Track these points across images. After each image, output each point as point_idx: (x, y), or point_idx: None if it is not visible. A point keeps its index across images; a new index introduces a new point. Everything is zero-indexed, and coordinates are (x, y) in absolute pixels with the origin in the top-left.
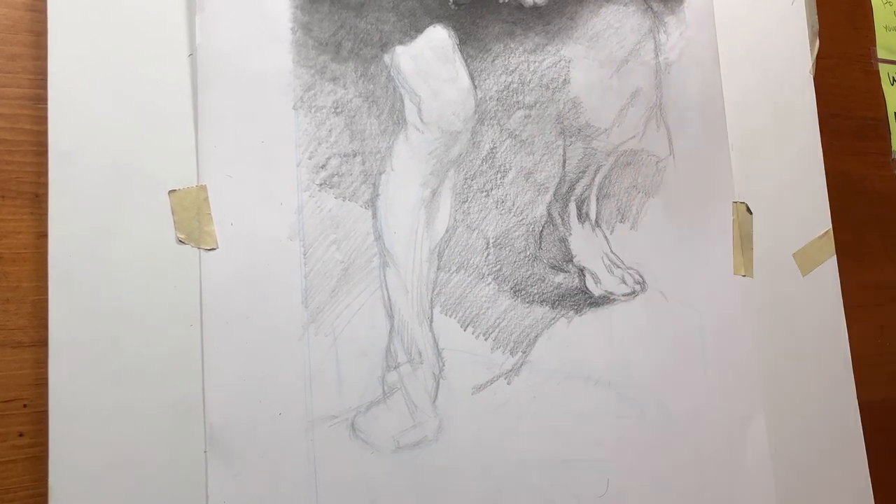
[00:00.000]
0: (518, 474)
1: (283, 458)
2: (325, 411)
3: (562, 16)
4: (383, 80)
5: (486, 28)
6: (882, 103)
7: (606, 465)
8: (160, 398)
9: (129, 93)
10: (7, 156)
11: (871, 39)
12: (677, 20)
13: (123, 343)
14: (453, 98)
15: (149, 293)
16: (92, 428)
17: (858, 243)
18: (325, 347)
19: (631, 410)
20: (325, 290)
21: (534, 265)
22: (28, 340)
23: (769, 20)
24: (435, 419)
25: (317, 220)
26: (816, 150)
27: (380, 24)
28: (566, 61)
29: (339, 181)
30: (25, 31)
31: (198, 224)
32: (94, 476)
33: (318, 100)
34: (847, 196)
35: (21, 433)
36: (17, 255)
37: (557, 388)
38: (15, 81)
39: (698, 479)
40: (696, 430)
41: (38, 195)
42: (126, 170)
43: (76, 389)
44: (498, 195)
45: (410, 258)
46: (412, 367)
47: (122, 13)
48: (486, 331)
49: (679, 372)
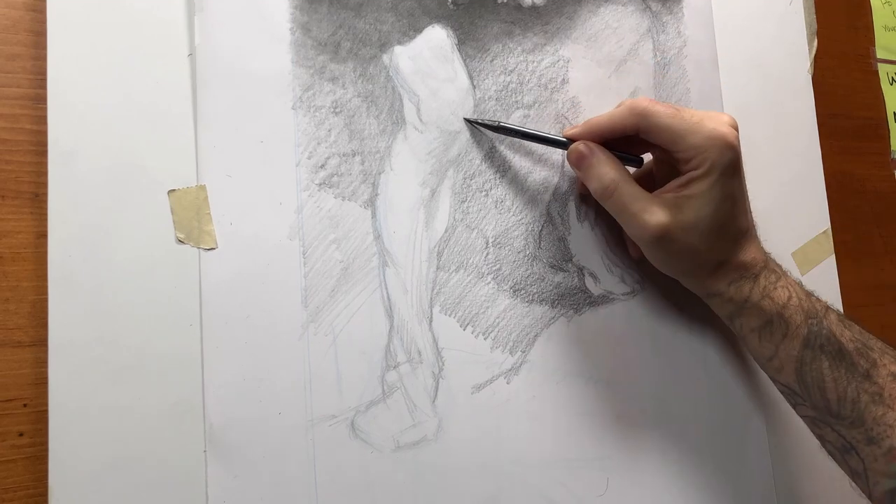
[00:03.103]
0: (518, 474)
1: (282, 457)
2: (325, 411)
3: (560, 16)
4: (382, 79)
5: (485, 28)
6: (881, 103)
7: (606, 464)
8: (160, 398)
9: (128, 93)
10: (7, 156)
11: (870, 39)
12: (675, 20)
13: (123, 343)
14: (452, 98)
15: (148, 293)
16: (92, 427)
17: (858, 243)
18: (325, 347)
19: (631, 410)
20: (324, 290)
21: (533, 264)
22: (28, 340)
23: (768, 20)
24: (434, 418)
25: (316, 220)
26: (815, 149)
27: (378, 24)
28: (565, 61)
29: (339, 181)
30: (25, 31)
31: (197, 224)
32: (94, 476)
33: (317, 100)
34: (846, 196)
35: (21, 433)
36: (17, 254)
37: (557, 388)
38: (15, 81)
39: (698, 479)
40: (696, 430)
41: (38, 195)
42: (126, 169)
43: (76, 389)
44: (497, 195)
45: (410, 258)
46: (412, 366)
47: (121, 13)
48: (486, 330)
49: (679, 371)
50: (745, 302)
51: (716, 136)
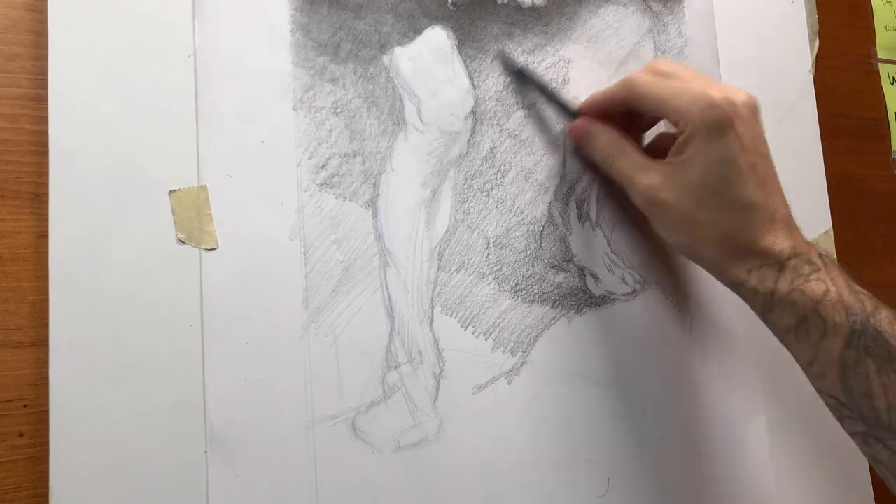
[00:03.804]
0: (518, 474)
1: (283, 458)
2: (326, 411)
3: (561, 16)
4: (382, 80)
5: (485, 29)
6: (882, 103)
7: (606, 465)
8: (160, 398)
9: (129, 93)
10: (7, 156)
11: (871, 40)
12: (676, 20)
13: (124, 343)
14: (452, 98)
15: (149, 293)
16: (92, 428)
17: (858, 243)
18: (326, 347)
19: (631, 410)
20: (325, 290)
21: (534, 265)
22: (28, 340)
23: (769, 20)
24: (435, 419)
25: (317, 220)
26: (816, 149)
27: (378, 25)
28: (565, 62)
29: (340, 181)
30: (25, 31)
31: (198, 224)
32: (95, 476)
33: (318, 100)
34: (847, 196)
35: (21, 433)
36: (17, 255)
37: (558, 388)
38: (15, 81)
39: (699, 479)
40: (697, 430)
41: (38, 195)
42: (126, 170)
43: (76, 389)
44: (498, 195)
45: (411, 258)
46: (412, 366)
47: (122, 13)
48: (487, 330)
49: (680, 372)
50: (771, 295)
51: (699, 96)
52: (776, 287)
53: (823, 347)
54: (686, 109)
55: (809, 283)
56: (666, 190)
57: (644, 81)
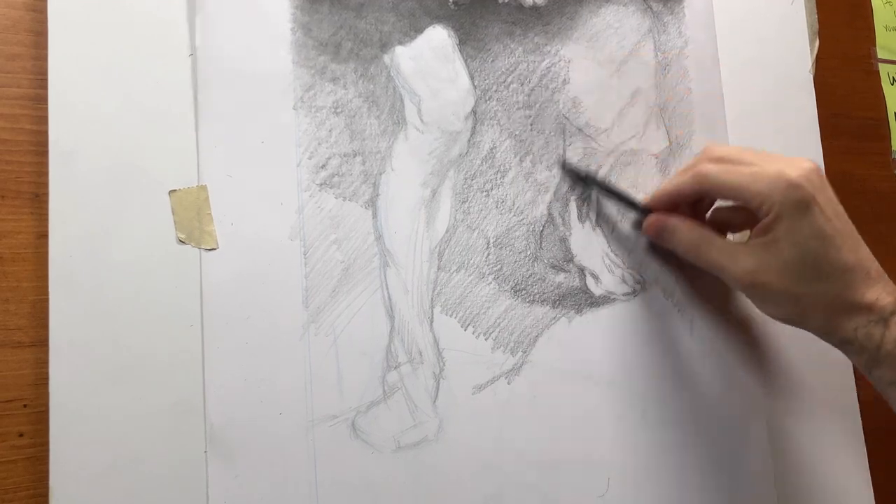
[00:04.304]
0: (518, 474)
1: (283, 458)
2: (326, 411)
3: (561, 16)
4: (383, 80)
5: (486, 28)
6: (882, 103)
7: (607, 465)
8: (160, 398)
9: (129, 93)
10: (7, 156)
11: (871, 40)
12: (677, 20)
13: (123, 343)
14: (453, 98)
15: (149, 293)
16: (92, 428)
17: None
18: (326, 347)
19: (631, 410)
20: (325, 290)
21: (534, 265)
22: (28, 340)
23: (769, 20)
24: (435, 419)
25: (317, 220)
26: (816, 150)
27: (379, 24)
28: (566, 61)
29: (340, 181)
30: (25, 31)
31: (198, 224)
32: (95, 476)
33: (318, 100)
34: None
35: (21, 433)
36: (17, 255)
37: (558, 388)
38: (15, 81)
39: (699, 479)
40: (697, 430)
41: (38, 195)
42: (126, 170)
43: (76, 389)
44: (498, 195)
45: (411, 258)
46: (412, 366)
47: (122, 13)
48: (487, 330)
49: (679, 372)
50: (877, 350)
51: (777, 178)
52: (882, 342)
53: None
54: (768, 193)
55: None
56: (764, 272)
57: (715, 172)
